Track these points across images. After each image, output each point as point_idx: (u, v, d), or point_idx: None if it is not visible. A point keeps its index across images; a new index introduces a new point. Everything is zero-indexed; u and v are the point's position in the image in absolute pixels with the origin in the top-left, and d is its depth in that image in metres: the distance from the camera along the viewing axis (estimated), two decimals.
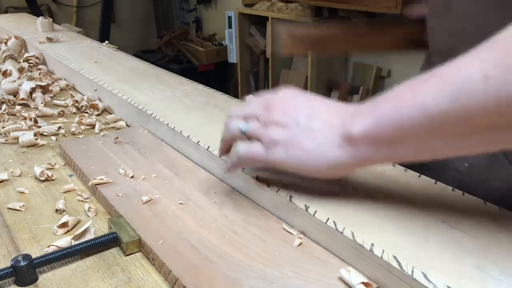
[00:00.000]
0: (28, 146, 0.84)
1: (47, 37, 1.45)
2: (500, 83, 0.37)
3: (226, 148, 0.60)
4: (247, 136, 0.54)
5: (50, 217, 0.62)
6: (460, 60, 0.40)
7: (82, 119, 0.94)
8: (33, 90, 1.08)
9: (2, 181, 0.71)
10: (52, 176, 0.72)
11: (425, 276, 0.42)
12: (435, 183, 0.58)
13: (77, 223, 0.60)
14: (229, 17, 3.29)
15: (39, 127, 0.91)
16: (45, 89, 1.12)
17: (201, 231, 0.56)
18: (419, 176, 0.60)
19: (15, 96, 1.06)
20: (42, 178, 0.71)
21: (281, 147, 0.50)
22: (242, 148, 0.54)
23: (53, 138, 0.88)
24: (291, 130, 0.49)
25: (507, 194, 0.59)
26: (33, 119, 0.92)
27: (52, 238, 0.57)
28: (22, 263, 0.49)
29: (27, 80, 1.16)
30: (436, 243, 0.46)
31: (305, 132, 0.49)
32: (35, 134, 0.84)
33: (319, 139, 0.48)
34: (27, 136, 0.84)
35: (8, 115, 0.97)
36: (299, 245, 0.53)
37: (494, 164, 0.64)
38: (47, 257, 0.51)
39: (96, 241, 0.54)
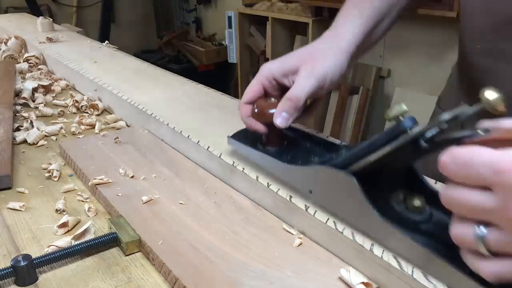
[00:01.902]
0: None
1: (47, 37, 1.45)
2: None
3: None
4: (487, 248, 0.35)
5: (50, 217, 0.62)
6: None
7: (82, 119, 0.94)
8: (35, 90, 1.08)
9: None
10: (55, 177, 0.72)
11: (425, 276, 0.42)
12: (435, 183, 0.58)
13: (77, 223, 0.60)
14: (229, 17, 3.28)
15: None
16: (47, 89, 1.12)
17: (201, 231, 0.56)
18: None
19: (17, 96, 1.06)
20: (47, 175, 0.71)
21: None
22: (491, 269, 0.36)
23: (53, 138, 0.88)
24: None
25: None
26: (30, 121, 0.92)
27: (52, 238, 0.57)
28: (22, 263, 0.49)
29: (31, 79, 1.16)
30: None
31: None
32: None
33: None
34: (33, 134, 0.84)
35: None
36: (299, 245, 0.53)
37: None
38: (47, 257, 0.51)
39: (96, 241, 0.54)
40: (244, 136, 0.65)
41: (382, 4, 0.67)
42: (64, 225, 0.59)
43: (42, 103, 1.04)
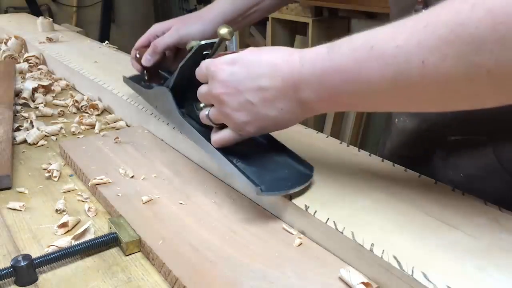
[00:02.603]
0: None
1: (47, 37, 1.45)
2: (435, 69, 0.39)
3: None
4: (212, 121, 0.60)
5: (50, 217, 0.62)
6: (398, 35, 0.42)
7: (82, 119, 0.94)
8: (35, 90, 1.08)
9: None
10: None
11: (425, 276, 0.42)
12: (435, 183, 0.58)
13: (77, 223, 0.60)
14: None
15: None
16: (47, 89, 1.12)
17: (201, 231, 0.56)
18: (419, 176, 0.60)
19: (17, 96, 1.06)
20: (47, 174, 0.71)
21: (250, 125, 0.56)
22: (214, 138, 0.61)
23: (53, 138, 0.88)
24: (250, 109, 0.54)
25: (502, 203, 0.55)
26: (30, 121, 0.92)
27: (52, 238, 0.57)
28: (22, 263, 0.49)
29: (31, 79, 1.16)
30: (436, 243, 0.46)
31: (263, 105, 0.53)
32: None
33: (279, 105, 0.53)
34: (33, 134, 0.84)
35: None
36: (299, 245, 0.53)
37: (491, 175, 0.63)
38: (47, 257, 0.51)
39: (96, 241, 0.54)
40: (138, 78, 0.89)
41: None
42: (64, 225, 0.59)
43: (42, 103, 1.04)
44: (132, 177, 0.68)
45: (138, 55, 0.84)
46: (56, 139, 0.87)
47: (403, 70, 0.41)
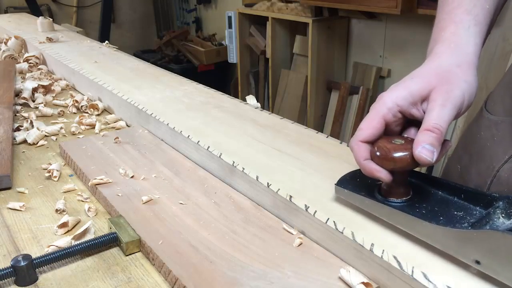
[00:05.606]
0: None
1: (47, 37, 1.45)
2: None
3: None
4: None
5: (50, 217, 0.62)
6: None
7: (82, 119, 0.94)
8: (35, 90, 1.08)
9: None
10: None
11: (425, 276, 0.42)
12: None
13: (77, 223, 0.60)
14: (229, 17, 3.28)
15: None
16: (47, 89, 1.12)
17: (201, 231, 0.56)
18: None
19: (17, 96, 1.06)
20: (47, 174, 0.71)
21: None
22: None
23: (53, 138, 0.88)
24: None
25: None
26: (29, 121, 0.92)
27: (52, 238, 0.57)
28: (22, 263, 0.49)
29: (31, 79, 1.16)
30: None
31: None
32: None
33: None
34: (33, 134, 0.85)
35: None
36: (299, 245, 0.53)
37: None
38: (47, 257, 0.51)
39: (96, 241, 0.54)
40: (353, 182, 0.53)
41: (492, 6, 0.57)
42: (64, 225, 0.59)
43: (42, 103, 1.04)
44: (132, 177, 0.68)
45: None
46: (56, 139, 0.87)
47: None
